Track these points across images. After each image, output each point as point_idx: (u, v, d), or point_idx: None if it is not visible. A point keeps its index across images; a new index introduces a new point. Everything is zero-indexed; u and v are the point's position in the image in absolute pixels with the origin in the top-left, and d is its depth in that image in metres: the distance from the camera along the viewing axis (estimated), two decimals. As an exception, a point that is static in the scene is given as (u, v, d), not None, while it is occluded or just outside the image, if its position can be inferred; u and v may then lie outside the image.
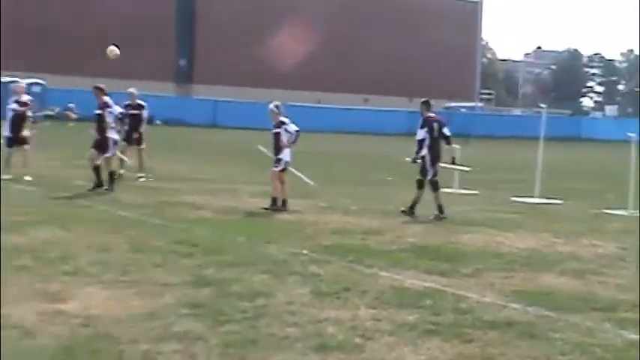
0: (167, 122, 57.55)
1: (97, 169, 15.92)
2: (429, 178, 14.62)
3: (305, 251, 10.27)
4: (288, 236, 11.66)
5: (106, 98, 16.44)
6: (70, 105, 54.17)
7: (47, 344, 5.97)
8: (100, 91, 16.50)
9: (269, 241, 11.02)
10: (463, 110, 70.64)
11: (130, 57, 69.12)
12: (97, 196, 15.35)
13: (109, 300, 7.38)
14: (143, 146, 19.18)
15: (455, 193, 18.42)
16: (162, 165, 22.91)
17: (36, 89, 56.83)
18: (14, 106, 18.00)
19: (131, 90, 19.93)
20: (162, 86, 67.45)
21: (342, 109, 65.36)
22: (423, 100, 15.24)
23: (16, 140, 17.78)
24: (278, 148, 14.84)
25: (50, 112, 55.28)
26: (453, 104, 73.71)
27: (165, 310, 7.10)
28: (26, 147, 17.88)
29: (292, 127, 14.82)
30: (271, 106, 15.09)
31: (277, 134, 14.82)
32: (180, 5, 75.63)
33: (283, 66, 74.30)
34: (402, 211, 14.55)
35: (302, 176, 16.02)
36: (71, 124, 50.11)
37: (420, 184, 14.64)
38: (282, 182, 14.81)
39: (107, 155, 16.20)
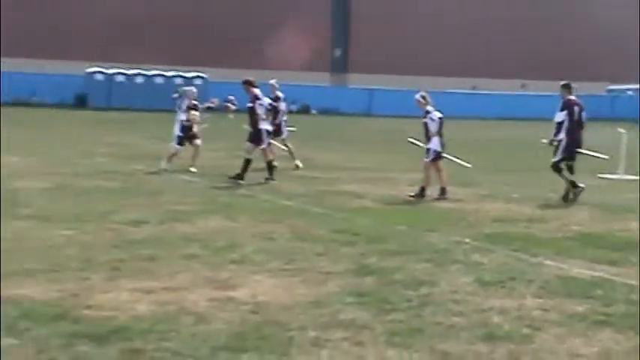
0: (323, 112, 58.20)
1: (247, 162, 16.17)
2: (555, 159, 14.57)
3: (467, 240, 10.16)
4: (449, 224, 11.58)
5: (256, 91, 16.72)
6: (230, 97, 55.74)
7: (220, 329, 6.18)
8: (250, 84, 16.78)
9: (430, 230, 10.98)
10: (630, 93, 67.57)
11: (286, 48, 70.45)
12: (258, 185, 15.69)
13: (276, 288, 7.55)
14: (284, 137, 19.36)
15: (620, 179, 17.73)
16: (320, 154, 23.20)
17: (198, 82, 58.89)
18: (184, 116, 18.48)
19: (272, 82, 20.25)
20: (318, 76, 68.26)
21: (499, 94, 64.09)
22: (564, 82, 15.14)
23: (186, 138, 18.29)
24: (428, 138, 14.78)
25: (211, 105, 57.01)
26: (617, 87, 70.77)
27: (330, 297, 7.19)
28: (197, 142, 18.40)
29: (436, 115, 14.74)
30: (417, 95, 15.06)
31: (425, 124, 14.79)
32: (336, -5, 76.37)
33: (438, 53, 73.63)
34: (563, 198, 14.30)
35: (456, 160, 15.91)
36: (231, 116, 51.52)
37: (556, 168, 14.41)
38: (438, 170, 14.70)
39: (262, 147, 16.52)
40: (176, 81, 59.06)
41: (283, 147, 19.43)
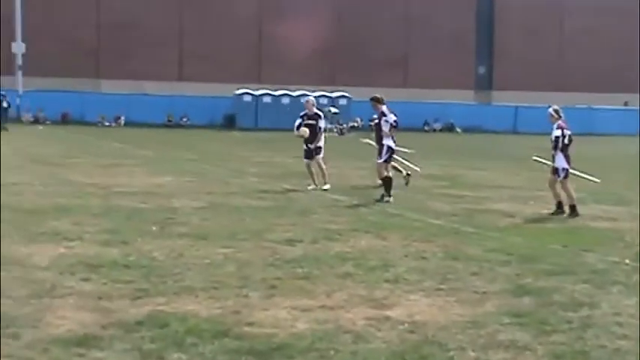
0: (467, 130, 57.66)
1: (386, 180, 16.18)
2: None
3: (627, 261, 9.82)
4: (604, 244, 11.24)
5: (384, 107, 16.86)
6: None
7: (379, 348, 6.21)
8: (378, 101, 17.05)
9: (585, 249, 10.70)
10: None
11: (430, 66, 70.22)
12: (405, 203, 15.67)
13: (432, 307, 7.53)
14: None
15: None
16: (466, 172, 22.99)
17: (342, 102, 59.55)
18: (299, 121, 18.67)
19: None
20: (461, 94, 67.72)
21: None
22: None
23: (312, 151, 18.34)
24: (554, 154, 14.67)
25: (355, 124, 57.47)
26: None
27: (487, 318, 7.11)
28: (318, 156, 18.34)
29: (557, 132, 14.49)
30: (550, 109, 14.75)
31: (557, 138, 14.57)
32: (480, 13, 75.58)
33: (587, 69, 71.69)
34: None
35: (584, 176, 15.50)
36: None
37: None
38: (564, 188, 14.50)
39: (379, 161, 16.51)
40: (321, 101, 59.95)
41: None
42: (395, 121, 16.80)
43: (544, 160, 15.22)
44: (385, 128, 16.63)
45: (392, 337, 6.50)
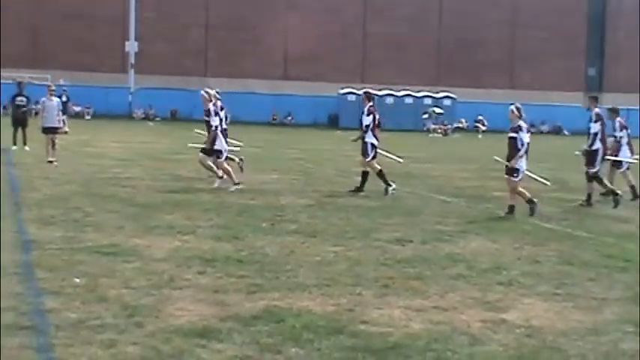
0: (575, 132, 56.30)
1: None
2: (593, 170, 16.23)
3: None
4: None
5: (370, 104, 17.09)
6: (480, 117, 55.43)
7: (497, 352, 6.12)
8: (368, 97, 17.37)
9: None
10: None
11: (537, 68, 68.94)
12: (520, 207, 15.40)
13: (548, 312, 7.37)
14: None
15: None
16: (575, 176, 22.42)
17: (447, 102, 59.09)
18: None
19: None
20: (571, 96, 66.32)
21: None
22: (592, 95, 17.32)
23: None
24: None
25: (460, 125, 56.97)
26: None
27: (608, 326, 6.92)
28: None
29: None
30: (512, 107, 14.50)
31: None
32: (591, 15, 73.85)
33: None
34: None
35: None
36: (480, 136, 51.25)
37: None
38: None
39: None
40: (425, 101, 59.61)
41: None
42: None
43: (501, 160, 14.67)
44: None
45: (509, 341, 6.40)
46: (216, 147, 16.62)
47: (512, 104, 14.53)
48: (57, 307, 6.83)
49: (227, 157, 17.15)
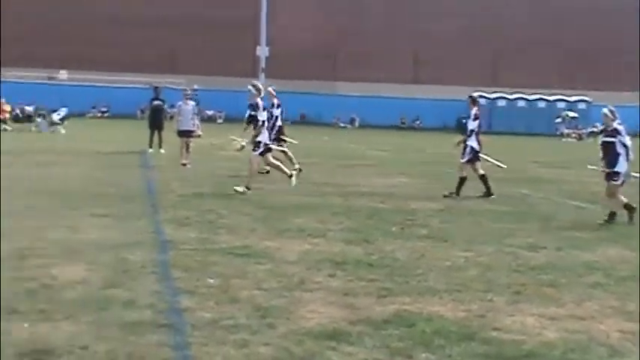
0: None
1: None
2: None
3: None
4: None
5: (475, 109, 17.06)
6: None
7: (635, 364, 5.90)
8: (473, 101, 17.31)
9: None
10: None
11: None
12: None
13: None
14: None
15: None
16: None
17: (581, 106, 57.49)
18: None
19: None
20: None
21: None
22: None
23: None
24: None
25: (594, 129, 55.32)
26: None
27: None
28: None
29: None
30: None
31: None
32: None
33: None
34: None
35: None
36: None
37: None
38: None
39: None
40: (559, 105, 58.17)
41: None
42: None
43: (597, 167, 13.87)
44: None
45: (650, 353, 6.14)
46: (258, 139, 15.86)
47: (605, 107, 14.01)
48: (192, 306, 7.00)
49: (265, 152, 16.07)
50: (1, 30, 66.52)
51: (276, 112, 20.33)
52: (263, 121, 15.82)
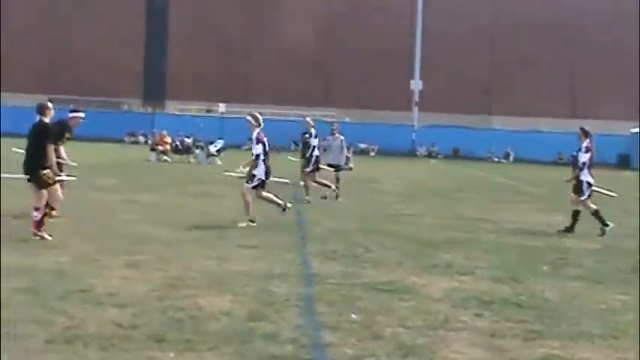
0: None
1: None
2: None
3: None
4: None
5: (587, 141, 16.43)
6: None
7: None
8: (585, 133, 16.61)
9: None
10: None
11: None
12: None
13: None
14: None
15: None
16: None
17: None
18: None
19: None
20: None
21: None
22: None
23: None
24: None
25: None
26: None
27: None
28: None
29: None
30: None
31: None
32: None
33: None
34: None
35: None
36: None
37: None
38: None
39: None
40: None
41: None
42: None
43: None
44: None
45: None
46: (254, 172, 15.16)
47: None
48: (334, 341, 6.95)
49: (258, 186, 15.24)
50: (167, 67, 69.65)
51: (314, 141, 21.08)
52: (257, 155, 15.04)
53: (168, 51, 79.42)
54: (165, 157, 39.99)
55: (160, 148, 40.91)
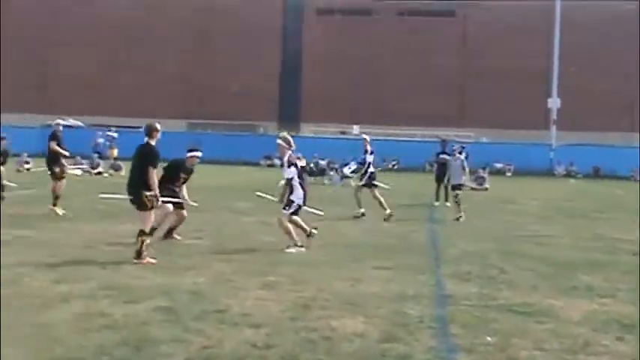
0: None
1: None
2: None
3: None
4: None
5: None
6: None
7: None
8: None
9: None
10: None
11: None
12: None
13: None
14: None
15: None
16: None
17: None
18: None
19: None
20: None
21: None
22: None
23: None
24: None
25: None
26: None
27: None
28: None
29: None
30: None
31: None
32: None
33: None
34: None
35: None
36: None
37: None
38: None
39: None
40: None
41: None
42: None
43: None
44: None
45: None
46: (291, 197, 14.13)
47: None
48: (468, 364, 6.86)
49: (296, 212, 14.21)
50: (302, 91, 70.77)
51: (369, 158, 21.77)
52: (290, 179, 14.10)
53: (302, 75, 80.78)
54: (299, 180, 40.51)
55: (295, 170, 41.38)
